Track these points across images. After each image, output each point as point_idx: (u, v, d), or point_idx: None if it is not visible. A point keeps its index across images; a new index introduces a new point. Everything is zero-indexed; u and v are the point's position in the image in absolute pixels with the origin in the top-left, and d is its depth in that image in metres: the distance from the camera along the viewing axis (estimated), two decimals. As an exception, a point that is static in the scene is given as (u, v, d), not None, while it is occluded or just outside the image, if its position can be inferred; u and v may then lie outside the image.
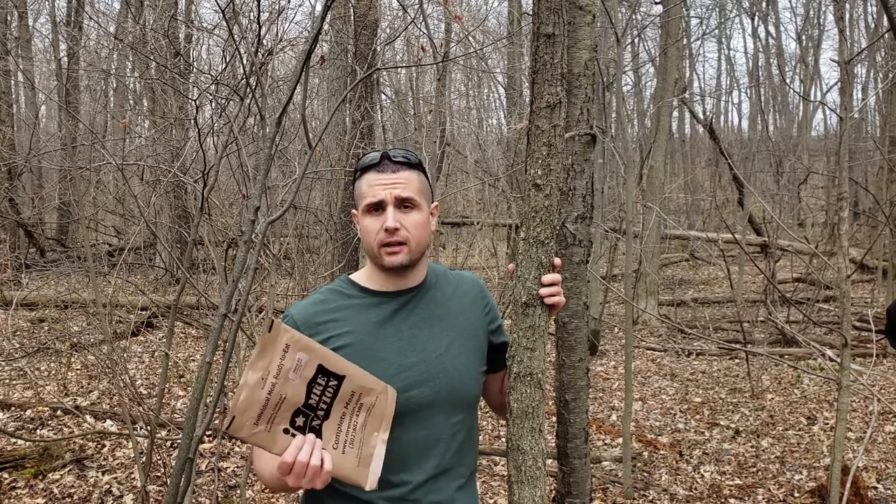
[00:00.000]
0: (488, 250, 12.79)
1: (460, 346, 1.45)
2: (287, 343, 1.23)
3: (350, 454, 1.28)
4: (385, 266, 1.40)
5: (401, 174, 1.41)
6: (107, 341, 3.98)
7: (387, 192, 1.38)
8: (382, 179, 1.40)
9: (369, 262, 1.47)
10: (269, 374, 1.22)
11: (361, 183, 1.43)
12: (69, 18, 14.44)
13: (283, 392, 1.23)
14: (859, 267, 7.30)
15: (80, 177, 8.17)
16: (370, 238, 1.40)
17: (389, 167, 1.41)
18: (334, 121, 7.59)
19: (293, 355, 1.23)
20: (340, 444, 1.27)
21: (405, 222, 1.39)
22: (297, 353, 1.24)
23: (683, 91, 12.25)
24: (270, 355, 1.22)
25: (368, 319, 1.41)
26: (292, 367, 1.23)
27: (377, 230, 1.39)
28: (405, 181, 1.41)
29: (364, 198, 1.41)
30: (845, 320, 3.16)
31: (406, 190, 1.40)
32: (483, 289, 1.59)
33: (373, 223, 1.40)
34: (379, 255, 1.40)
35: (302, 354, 1.24)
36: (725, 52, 30.32)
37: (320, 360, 1.26)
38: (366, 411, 1.29)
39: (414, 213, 1.41)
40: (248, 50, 3.44)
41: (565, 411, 2.28)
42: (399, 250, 1.39)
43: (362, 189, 1.42)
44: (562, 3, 1.36)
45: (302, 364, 1.24)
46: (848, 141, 3.42)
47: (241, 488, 3.41)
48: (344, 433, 1.28)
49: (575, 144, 2.18)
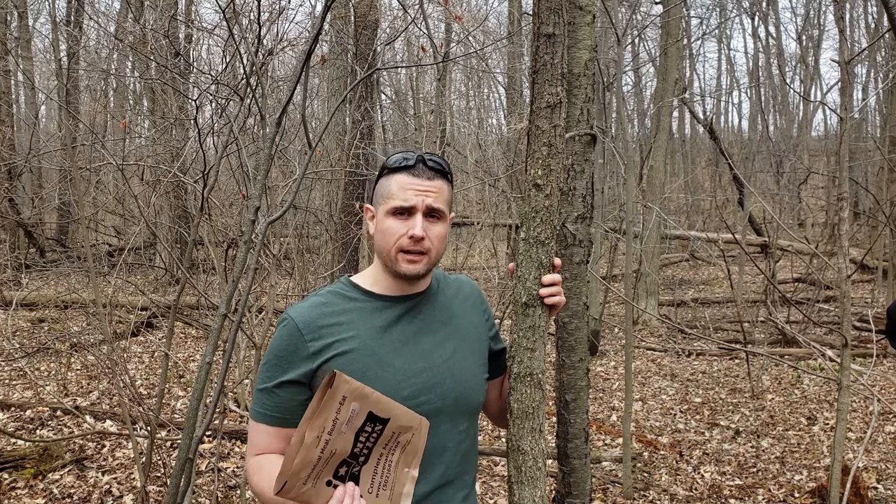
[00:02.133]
0: (488, 250, 12.79)
1: (465, 351, 1.43)
2: (345, 395, 1.17)
3: (383, 496, 1.24)
4: (401, 273, 1.36)
5: (435, 182, 1.36)
6: (107, 341, 3.98)
7: (419, 199, 1.33)
8: (416, 185, 1.34)
9: (378, 265, 1.41)
10: (324, 431, 1.16)
11: (391, 182, 1.36)
12: (69, 18, 14.45)
13: (334, 447, 1.18)
14: (859, 267, 7.29)
15: (80, 177, 8.17)
16: (390, 240, 1.35)
17: (425, 173, 1.36)
18: (334, 121, 7.60)
19: (348, 406, 1.18)
20: (375, 487, 1.23)
21: (430, 233, 1.35)
22: (353, 404, 1.18)
23: (683, 91, 12.25)
24: (327, 412, 1.16)
25: (373, 324, 1.36)
26: (346, 420, 1.18)
27: (400, 234, 1.34)
28: (438, 190, 1.36)
29: (392, 198, 1.35)
30: (845, 320, 3.16)
31: (437, 200, 1.35)
32: (481, 295, 1.56)
33: (397, 226, 1.34)
34: (395, 260, 1.35)
35: (356, 404, 1.18)
36: (725, 52, 30.31)
37: (371, 406, 1.20)
38: (401, 449, 1.25)
39: (439, 225, 1.37)
40: (249, 50, 3.44)
41: (565, 411, 2.28)
42: (420, 259, 1.35)
43: (391, 189, 1.35)
44: (562, 3, 1.36)
45: (355, 414, 1.19)
46: (848, 141, 3.42)
47: (241, 488, 3.41)
48: (379, 475, 1.24)
49: (575, 144, 2.18)
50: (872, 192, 11.40)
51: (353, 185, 7.24)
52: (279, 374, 1.33)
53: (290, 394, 1.33)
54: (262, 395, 1.35)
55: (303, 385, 1.33)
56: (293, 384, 1.32)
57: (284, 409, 1.33)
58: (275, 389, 1.33)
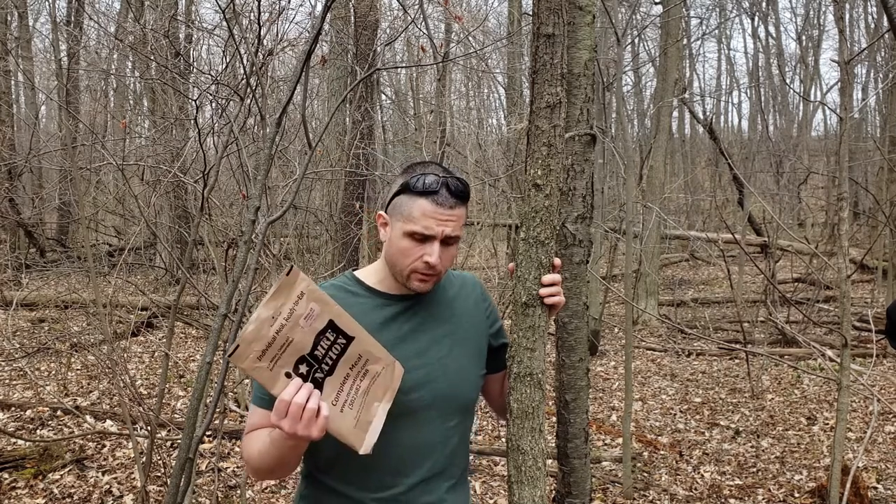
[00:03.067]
0: (488, 250, 12.78)
1: (461, 350, 1.46)
2: (302, 290, 1.23)
3: (349, 414, 1.26)
4: (411, 289, 1.41)
5: (456, 211, 1.37)
6: (107, 341, 3.98)
7: (439, 229, 1.35)
8: (438, 214, 1.35)
9: (384, 267, 1.45)
10: (279, 314, 1.21)
11: (413, 205, 1.36)
12: (69, 18, 14.44)
13: (290, 335, 1.22)
14: (859, 267, 7.30)
15: (80, 177, 8.17)
16: (405, 261, 1.38)
17: (448, 202, 1.36)
18: (334, 121, 7.60)
19: (306, 304, 1.23)
20: (340, 403, 1.26)
21: (444, 256, 1.38)
22: (311, 303, 1.23)
23: (683, 91, 12.25)
24: (284, 298, 1.22)
25: (372, 319, 1.40)
26: (303, 314, 1.23)
27: (416, 258, 1.37)
28: (457, 218, 1.38)
29: (412, 222, 1.35)
30: (845, 320, 3.16)
31: (456, 229, 1.38)
32: (484, 291, 1.59)
33: (413, 249, 1.37)
34: (407, 278, 1.39)
35: (315, 305, 1.24)
36: (725, 52, 30.33)
37: (332, 315, 1.25)
38: (370, 378, 1.28)
39: (453, 248, 1.41)
40: (249, 50, 3.44)
41: (565, 411, 2.28)
42: (430, 280, 1.40)
43: (413, 213, 1.36)
44: (562, 4, 1.36)
45: (314, 315, 1.24)
46: (848, 141, 3.42)
47: (241, 488, 3.42)
48: (345, 393, 1.27)
49: (575, 144, 2.18)
50: (872, 192, 11.40)
51: (353, 185, 7.24)
52: None
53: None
54: None
55: None
56: None
57: None
58: None
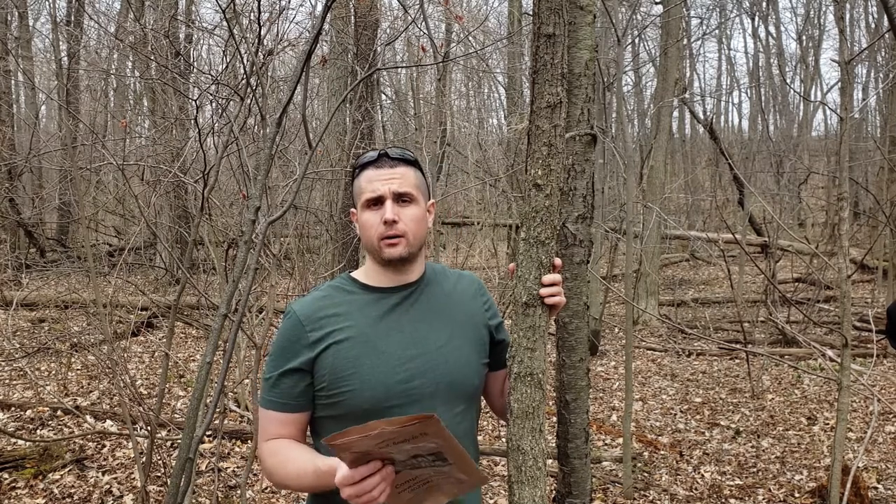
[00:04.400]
0: (488, 250, 12.80)
1: (461, 338, 1.47)
2: (430, 434, 1.14)
3: (404, 496, 1.24)
4: (385, 259, 1.43)
5: (398, 169, 1.44)
6: (107, 341, 3.98)
7: (385, 188, 1.42)
8: (380, 175, 1.43)
9: (369, 259, 1.49)
10: (391, 442, 1.14)
11: (360, 180, 1.46)
12: (69, 18, 14.44)
13: (390, 454, 1.17)
14: (859, 267, 7.29)
15: (80, 177, 8.17)
16: (370, 232, 1.43)
17: (387, 163, 1.44)
18: (335, 121, 7.60)
19: (428, 442, 1.15)
20: (402, 488, 1.23)
21: (403, 216, 1.42)
22: (434, 441, 1.15)
23: (684, 91, 12.24)
24: (407, 435, 1.13)
25: (370, 314, 1.43)
26: (416, 445, 1.16)
27: (376, 224, 1.42)
28: (401, 176, 1.44)
29: (363, 193, 1.44)
30: (845, 320, 3.16)
31: (403, 185, 1.43)
32: (482, 286, 1.61)
33: (372, 217, 1.42)
34: (378, 249, 1.43)
35: (436, 443, 1.16)
36: (726, 52, 30.28)
37: (445, 450, 1.17)
38: (445, 477, 1.23)
39: (411, 207, 1.44)
40: (249, 50, 3.44)
41: (565, 411, 2.28)
42: (398, 242, 1.42)
43: (361, 185, 1.45)
44: (562, 3, 1.36)
45: (427, 447, 1.17)
46: (848, 141, 3.42)
47: (241, 488, 3.41)
48: (413, 479, 1.23)
49: (575, 144, 2.18)
50: (872, 192, 11.40)
51: (354, 185, 7.23)
52: (283, 363, 1.41)
53: (294, 381, 1.41)
54: (268, 385, 1.44)
55: (305, 372, 1.41)
56: (296, 372, 1.40)
57: (289, 395, 1.41)
58: (280, 378, 1.41)
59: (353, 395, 1.37)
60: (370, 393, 1.37)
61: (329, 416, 1.41)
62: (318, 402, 1.42)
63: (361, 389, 1.37)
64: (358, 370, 1.37)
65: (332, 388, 1.38)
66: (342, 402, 1.38)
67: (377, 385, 1.37)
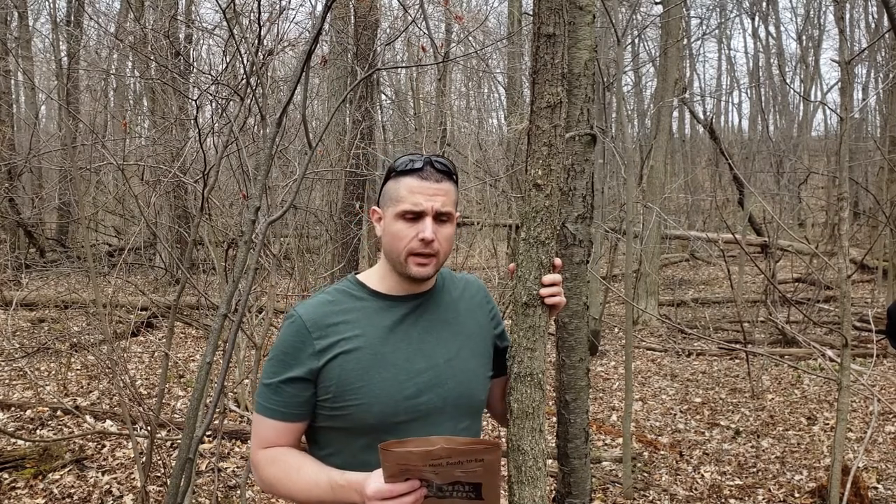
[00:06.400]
0: (488, 250, 12.78)
1: (469, 351, 1.44)
2: (484, 461, 1.16)
3: None
4: (410, 275, 1.37)
5: (443, 185, 1.38)
6: (107, 341, 3.98)
7: (428, 204, 1.35)
8: (425, 189, 1.35)
9: (384, 265, 1.43)
10: (440, 464, 1.15)
11: (399, 186, 1.37)
12: (69, 18, 14.44)
13: (429, 478, 1.18)
14: (859, 267, 7.30)
15: (80, 177, 8.18)
16: (400, 244, 1.36)
17: (433, 176, 1.37)
18: (335, 121, 7.60)
19: (474, 469, 1.17)
20: None
21: (439, 235, 1.36)
22: (479, 466, 1.17)
23: (684, 91, 12.24)
24: (460, 460, 1.14)
25: (379, 323, 1.38)
26: (462, 470, 1.17)
27: (410, 238, 1.35)
28: (445, 193, 1.38)
29: (401, 202, 1.36)
30: (845, 320, 3.16)
31: (446, 204, 1.37)
32: (487, 294, 1.58)
33: (406, 230, 1.36)
34: (405, 263, 1.37)
35: (480, 470, 1.17)
36: (726, 52, 30.29)
37: (486, 479, 1.19)
38: None
39: (448, 227, 1.39)
40: (249, 50, 3.44)
41: (565, 411, 2.28)
42: (429, 262, 1.37)
43: (400, 193, 1.37)
44: (562, 4, 1.36)
45: (469, 473, 1.18)
46: (848, 141, 3.42)
47: (241, 488, 3.41)
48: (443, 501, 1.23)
49: (575, 144, 2.18)
50: (872, 192, 11.40)
51: (353, 185, 7.24)
52: (285, 370, 1.35)
53: (296, 390, 1.35)
54: (267, 390, 1.37)
55: (308, 382, 1.34)
56: (299, 381, 1.34)
57: (290, 404, 1.36)
58: (281, 385, 1.35)
59: (361, 409, 1.32)
60: (379, 408, 1.32)
61: (332, 427, 1.37)
62: (321, 413, 1.36)
63: (370, 404, 1.32)
64: (367, 383, 1.32)
65: (339, 400, 1.33)
66: (348, 415, 1.33)
67: (386, 400, 1.33)
